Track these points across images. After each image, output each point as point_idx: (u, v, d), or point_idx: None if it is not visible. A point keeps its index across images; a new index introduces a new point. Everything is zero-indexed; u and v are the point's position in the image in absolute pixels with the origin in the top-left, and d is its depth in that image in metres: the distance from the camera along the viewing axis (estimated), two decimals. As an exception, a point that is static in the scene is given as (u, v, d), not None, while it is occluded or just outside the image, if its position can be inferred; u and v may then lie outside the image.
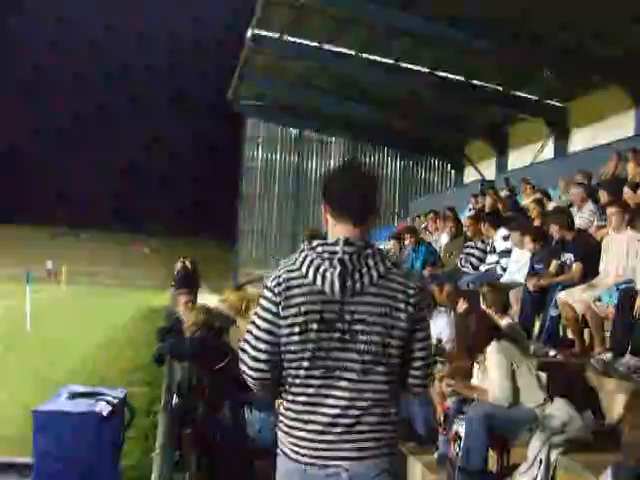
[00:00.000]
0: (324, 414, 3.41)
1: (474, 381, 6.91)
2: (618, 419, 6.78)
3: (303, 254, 3.51)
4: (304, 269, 3.46)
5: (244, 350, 3.54)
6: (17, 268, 58.68)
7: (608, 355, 7.49)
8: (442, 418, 6.93)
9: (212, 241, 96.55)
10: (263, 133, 46.99)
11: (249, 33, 31.50)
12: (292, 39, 31.72)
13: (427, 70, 31.56)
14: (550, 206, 13.80)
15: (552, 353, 8.81)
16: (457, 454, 6.49)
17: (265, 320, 3.48)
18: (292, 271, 3.49)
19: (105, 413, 6.41)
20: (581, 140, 28.79)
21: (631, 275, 8.11)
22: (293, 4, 28.13)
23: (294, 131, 46.81)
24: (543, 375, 6.86)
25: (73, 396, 6.75)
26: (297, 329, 3.40)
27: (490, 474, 6.47)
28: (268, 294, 3.50)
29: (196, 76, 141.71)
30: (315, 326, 3.39)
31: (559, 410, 6.30)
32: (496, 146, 37.04)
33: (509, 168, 33.68)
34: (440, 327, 8.35)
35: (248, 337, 3.54)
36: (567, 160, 26.10)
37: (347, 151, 46.89)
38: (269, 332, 3.46)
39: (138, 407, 10.95)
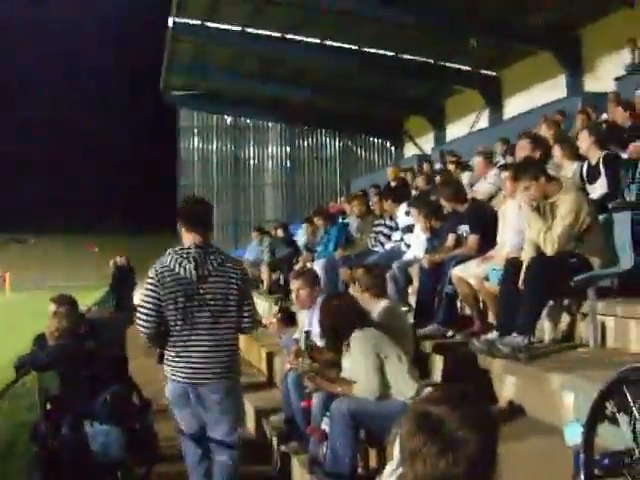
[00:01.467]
0: (194, 351, 5.75)
1: (344, 373, 6.31)
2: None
3: (170, 256, 5.84)
4: (171, 264, 5.79)
5: (139, 317, 5.81)
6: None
7: (493, 334, 6.94)
8: (307, 417, 6.36)
9: (158, 234, 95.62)
10: (197, 123, 46.21)
11: (170, 22, 30.66)
12: (214, 25, 30.96)
13: (356, 47, 31.03)
14: (464, 177, 13.30)
15: (449, 334, 8.28)
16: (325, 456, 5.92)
17: (150, 297, 5.79)
18: (164, 266, 5.80)
19: None
20: (515, 108, 28.44)
21: (517, 244, 7.59)
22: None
23: (229, 119, 46.08)
24: (440, 361, 6.30)
25: None
26: (171, 302, 5.73)
27: (360, 477, 5.91)
28: (151, 281, 5.80)
29: (124, 70, 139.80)
30: (181, 299, 5.72)
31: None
32: (433, 120, 36.76)
33: (447, 140, 33.24)
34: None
35: (141, 308, 5.82)
36: (502, 128, 25.68)
37: (283, 135, 46.34)
38: (154, 304, 5.76)
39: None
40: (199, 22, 30.86)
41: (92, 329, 7.84)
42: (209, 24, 30.99)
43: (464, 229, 8.88)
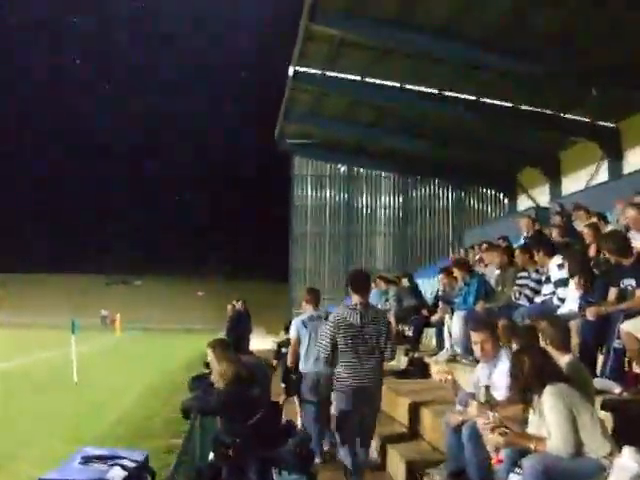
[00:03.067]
0: (359, 372, 8.61)
1: (530, 429, 6.14)
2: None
3: (343, 309, 8.89)
4: (345, 315, 8.71)
5: (320, 346, 8.83)
6: (71, 317, 58.89)
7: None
8: (497, 472, 6.17)
9: (266, 282, 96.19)
10: (311, 171, 46.67)
11: (290, 70, 31.12)
12: (334, 74, 31.27)
13: (473, 98, 30.94)
14: (607, 230, 12.99)
15: (617, 390, 8.01)
16: (514, 511, 5.74)
17: (329, 334, 8.68)
18: (340, 315, 8.73)
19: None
20: (636, 160, 27.90)
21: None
22: (332, 39, 27.68)
23: (342, 168, 46.39)
24: (609, 419, 6.07)
25: (86, 460, 6.12)
26: (342, 339, 8.60)
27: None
28: (330, 324, 8.76)
29: (238, 118, 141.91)
30: (350, 337, 8.62)
31: (630, 460, 5.49)
32: (548, 172, 36.28)
33: (563, 194, 32.77)
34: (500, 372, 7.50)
35: (322, 341, 8.80)
36: (622, 182, 25.16)
37: (397, 185, 46.40)
38: (331, 339, 8.64)
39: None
40: (319, 71, 31.17)
41: (251, 374, 7.83)
42: (329, 73, 31.30)
43: (628, 283, 8.62)
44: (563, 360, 6.62)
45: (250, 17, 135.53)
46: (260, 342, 22.55)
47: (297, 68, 30.98)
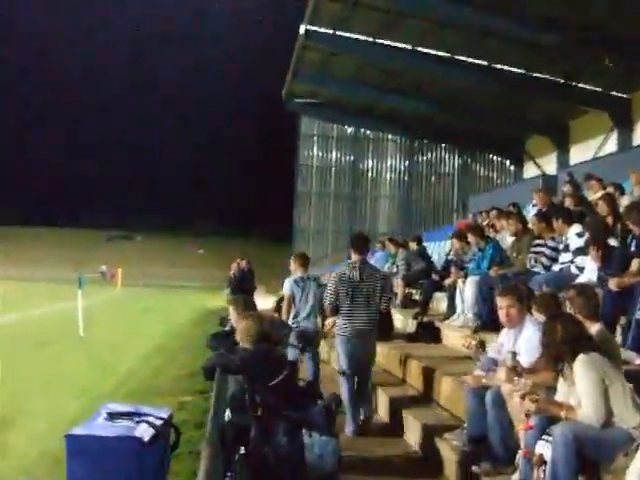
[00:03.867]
0: (355, 319, 10.01)
1: (559, 397, 6.12)
2: None
3: (346, 266, 10.53)
4: (346, 272, 10.18)
5: (327, 296, 10.21)
6: (73, 272, 58.97)
7: None
8: (525, 439, 6.14)
9: (267, 240, 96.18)
10: (318, 131, 46.45)
11: (302, 29, 30.88)
12: (345, 34, 31.02)
13: (485, 63, 30.72)
14: (624, 201, 12.94)
15: (638, 362, 7.99)
16: (542, 480, 5.72)
17: (333, 288, 10.09)
18: (342, 272, 10.27)
19: (146, 438, 5.75)
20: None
21: None
22: (346, -1, 27.48)
23: (349, 129, 46.20)
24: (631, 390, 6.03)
25: (112, 416, 6.07)
26: (343, 291, 10.02)
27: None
28: (333, 280, 10.23)
29: (246, 76, 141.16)
30: (350, 289, 10.02)
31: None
32: (557, 140, 36.12)
33: (571, 163, 32.65)
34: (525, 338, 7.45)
35: (327, 292, 10.26)
36: (633, 153, 25.07)
37: (403, 149, 46.22)
38: (334, 292, 10.07)
39: (189, 418, 10.43)
40: (331, 31, 30.93)
41: (276, 334, 7.80)
42: (340, 33, 31.06)
43: (650, 255, 8.59)
44: (593, 329, 6.58)
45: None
46: (261, 301, 22.47)
47: (309, 27, 30.72)
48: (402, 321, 15.88)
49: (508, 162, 44.67)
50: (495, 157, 45.65)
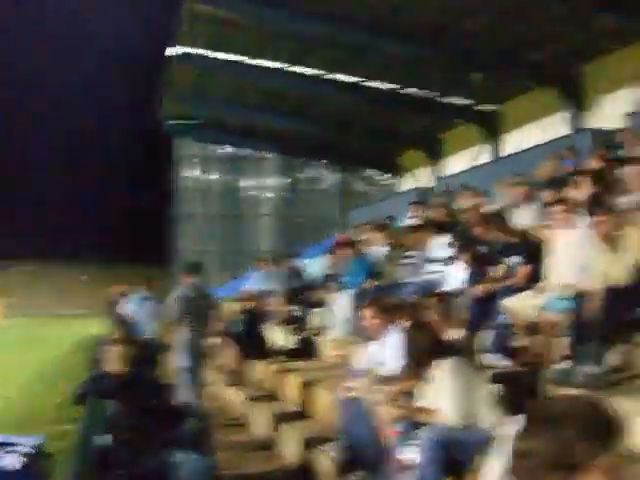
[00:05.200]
0: (193, 329, 12.29)
1: (423, 403, 6.29)
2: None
3: (184, 288, 12.75)
4: (185, 291, 12.63)
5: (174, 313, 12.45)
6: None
7: (566, 364, 6.95)
8: (390, 445, 6.30)
9: (151, 265, 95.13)
10: (196, 152, 46.18)
11: (174, 51, 30.74)
12: (217, 55, 31.04)
13: (356, 80, 31.16)
14: (491, 210, 13.36)
15: (504, 363, 8.28)
16: (409, 485, 5.87)
17: (178, 305, 12.46)
18: (182, 292, 12.72)
19: (14, 467, 5.67)
20: (514, 143, 28.71)
21: (581, 275, 7.62)
22: (215, 18, 27.47)
23: (228, 149, 46.13)
24: (496, 390, 6.27)
25: (-20, 448, 5.98)
26: (185, 307, 12.36)
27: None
28: (177, 299, 12.55)
29: (118, 98, 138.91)
30: (188, 306, 12.30)
31: (509, 428, 5.67)
32: (431, 153, 36.77)
33: (445, 174, 33.36)
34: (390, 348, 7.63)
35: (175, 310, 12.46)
36: (500, 164, 25.89)
37: (283, 167, 46.43)
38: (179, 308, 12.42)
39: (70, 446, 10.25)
40: (204, 51, 30.93)
41: (147, 355, 7.79)
42: (212, 54, 31.09)
43: (514, 260, 8.91)
44: (454, 335, 6.82)
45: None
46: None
47: (182, 49, 30.58)
48: (284, 338, 15.99)
49: (386, 176, 45.27)
50: (374, 172, 46.22)
